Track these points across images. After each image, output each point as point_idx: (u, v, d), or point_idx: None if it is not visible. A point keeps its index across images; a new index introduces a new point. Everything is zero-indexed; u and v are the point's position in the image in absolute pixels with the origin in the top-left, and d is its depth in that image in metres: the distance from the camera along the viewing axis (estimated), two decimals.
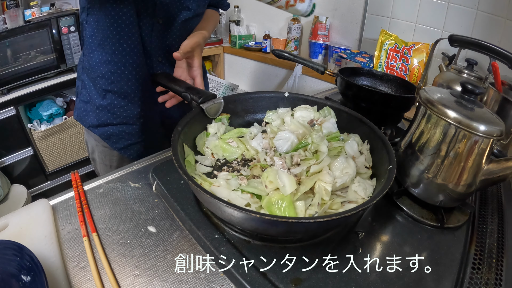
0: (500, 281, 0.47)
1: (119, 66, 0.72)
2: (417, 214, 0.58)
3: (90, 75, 0.76)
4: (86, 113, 0.79)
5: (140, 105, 0.78)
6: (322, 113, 0.72)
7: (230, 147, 0.64)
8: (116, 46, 0.70)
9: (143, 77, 0.75)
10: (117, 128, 0.79)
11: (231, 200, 0.49)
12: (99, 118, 0.78)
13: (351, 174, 0.54)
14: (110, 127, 0.78)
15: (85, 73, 0.77)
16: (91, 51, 0.73)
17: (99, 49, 0.72)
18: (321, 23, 1.55)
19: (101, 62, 0.72)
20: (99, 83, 0.75)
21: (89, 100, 0.78)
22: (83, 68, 0.78)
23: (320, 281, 0.44)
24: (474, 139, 0.50)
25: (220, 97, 0.68)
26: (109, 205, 0.56)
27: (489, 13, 1.06)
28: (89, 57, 0.74)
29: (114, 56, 0.71)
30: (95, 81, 0.75)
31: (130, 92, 0.76)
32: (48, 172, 1.71)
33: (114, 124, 0.78)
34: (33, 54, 1.52)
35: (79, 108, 0.81)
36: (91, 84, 0.76)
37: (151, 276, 0.44)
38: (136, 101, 0.77)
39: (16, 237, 0.46)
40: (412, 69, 1.20)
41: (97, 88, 0.75)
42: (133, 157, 0.84)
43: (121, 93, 0.75)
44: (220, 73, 2.21)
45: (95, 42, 0.72)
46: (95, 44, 0.72)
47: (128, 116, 0.78)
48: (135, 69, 0.74)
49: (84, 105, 0.80)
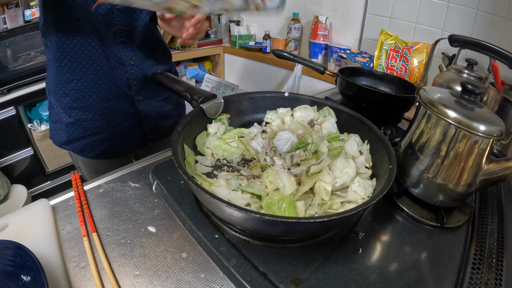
0: (500, 281, 0.47)
1: (82, 82, 0.74)
2: (417, 214, 0.58)
3: (55, 96, 0.77)
4: (56, 132, 0.82)
5: (108, 114, 0.79)
6: (322, 113, 0.72)
7: (230, 147, 0.64)
8: (75, 64, 0.72)
9: (109, 86, 0.76)
10: (89, 140, 0.81)
11: (231, 200, 0.49)
12: (69, 134, 0.80)
13: (351, 174, 0.54)
14: (82, 140, 0.80)
15: (51, 94, 0.79)
16: (52, 72, 0.75)
17: (59, 69, 0.73)
18: (321, 23, 1.55)
19: (62, 81, 0.74)
20: (63, 102, 0.76)
21: (58, 120, 0.80)
22: (49, 90, 0.80)
23: (320, 281, 0.44)
24: (474, 139, 0.50)
25: (220, 97, 0.68)
26: (109, 205, 0.56)
27: (489, 13, 1.06)
28: (52, 78, 0.76)
29: (76, 74, 0.73)
30: (60, 100, 0.77)
31: (96, 104, 0.77)
32: (48, 172, 1.71)
33: (85, 136, 0.80)
34: (33, 54, 1.52)
35: (51, 128, 0.84)
36: (57, 103, 0.78)
37: (151, 276, 0.44)
38: (103, 111, 0.78)
39: (16, 237, 0.46)
40: (412, 69, 1.20)
41: (63, 107, 0.77)
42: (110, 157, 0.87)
43: (87, 108, 0.77)
44: (220, 73, 2.21)
45: (55, 64, 0.73)
46: (55, 65, 0.73)
47: (98, 126, 0.79)
48: (97, 82, 0.75)
49: (54, 124, 0.82)
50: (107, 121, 0.79)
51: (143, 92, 0.82)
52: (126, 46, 0.75)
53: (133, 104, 0.81)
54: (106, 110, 0.78)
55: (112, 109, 0.79)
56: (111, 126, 0.81)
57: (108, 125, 0.80)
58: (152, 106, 0.85)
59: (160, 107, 0.87)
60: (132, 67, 0.77)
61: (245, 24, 2.07)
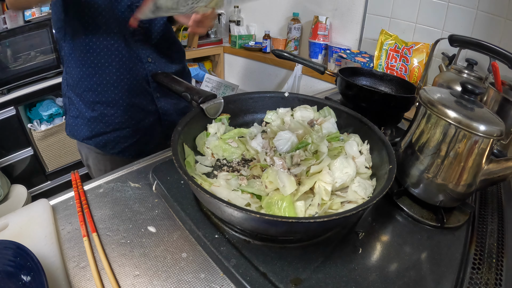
0: (500, 281, 0.47)
1: (104, 77, 0.74)
2: (417, 214, 0.58)
3: (76, 91, 0.77)
4: (78, 128, 0.81)
5: (130, 110, 0.79)
6: (322, 113, 0.72)
7: (230, 147, 0.64)
8: (97, 59, 0.72)
9: (131, 81, 0.77)
10: (112, 135, 0.81)
11: (231, 200, 0.49)
12: (92, 129, 0.79)
13: (351, 174, 0.54)
14: (104, 135, 0.80)
15: (71, 89, 0.79)
16: (72, 68, 0.75)
17: (80, 64, 0.74)
18: (321, 23, 1.55)
19: (84, 76, 0.74)
20: (86, 97, 0.76)
21: (79, 115, 0.80)
22: (68, 85, 0.79)
23: (320, 281, 0.44)
24: (474, 139, 0.50)
25: (220, 97, 0.68)
26: (109, 205, 0.56)
27: (489, 13, 1.06)
28: (72, 73, 0.76)
29: (98, 69, 0.73)
30: (82, 95, 0.77)
31: (118, 99, 0.77)
32: (48, 172, 1.71)
33: (108, 132, 0.80)
34: (33, 54, 1.52)
35: (70, 124, 0.83)
36: (78, 99, 0.78)
37: (151, 276, 0.44)
38: (125, 106, 0.78)
39: (16, 237, 0.46)
40: (412, 69, 1.20)
41: (85, 101, 0.77)
42: (131, 156, 0.85)
43: (109, 102, 0.77)
44: (220, 73, 2.21)
45: (75, 59, 0.74)
46: (75, 60, 0.74)
47: (120, 122, 0.80)
48: (119, 77, 0.75)
49: (74, 120, 0.81)
50: (129, 117, 0.80)
51: (160, 89, 0.82)
52: (144, 43, 0.76)
53: (153, 100, 0.82)
54: (128, 106, 0.78)
55: (134, 105, 0.79)
56: (133, 123, 0.81)
57: (131, 121, 0.80)
58: (169, 103, 0.85)
59: (176, 104, 0.87)
60: (150, 64, 0.78)
61: (245, 24, 2.07)
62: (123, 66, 0.75)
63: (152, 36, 0.77)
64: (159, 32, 0.78)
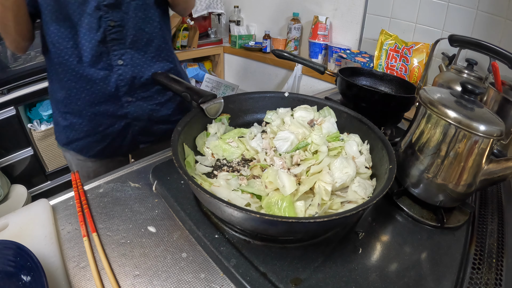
0: (500, 281, 0.47)
1: (66, 90, 0.77)
2: (417, 214, 0.58)
3: (53, 101, 0.83)
4: (58, 134, 0.86)
5: (96, 118, 0.80)
6: (322, 113, 0.72)
7: (230, 147, 0.64)
8: (63, 74, 0.74)
9: (93, 91, 0.76)
10: (84, 141, 0.83)
11: (231, 200, 0.49)
12: (67, 136, 0.84)
13: (351, 174, 0.54)
14: (78, 142, 0.84)
15: (50, 99, 0.84)
16: (50, 80, 0.80)
17: (52, 77, 0.78)
18: (321, 23, 1.55)
19: (55, 89, 0.79)
20: (58, 107, 0.81)
21: (57, 123, 0.84)
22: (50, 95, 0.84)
23: (320, 281, 0.44)
24: (474, 139, 0.50)
25: (220, 97, 0.68)
26: (109, 205, 0.56)
27: (489, 13, 1.06)
28: (50, 85, 0.81)
29: (63, 83, 0.76)
30: (57, 105, 0.81)
31: (82, 109, 0.79)
32: (48, 172, 1.71)
33: (80, 138, 0.83)
34: (33, 54, 1.52)
35: (54, 129, 0.88)
36: (55, 108, 0.83)
37: (151, 276, 0.44)
38: (90, 116, 0.79)
39: (16, 237, 0.46)
40: (412, 69, 1.20)
41: (59, 111, 0.81)
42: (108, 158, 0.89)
43: (75, 113, 0.79)
44: (220, 73, 2.21)
45: (49, 72, 0.79)
46: (49, 73, 0.79)
47: (88, 130, 0.82)
48: (79, 90, 0.76)
49: (55, 126, 0.86)
50: (95, 125, 0.81)
51: (134, 94, 0.80)
52: (118, 43, 0.73)
53: (122, 106, 0.80)
54: (93, 115, 0.79)
55: (99, 113, 0.79)
56: (100, 130, 0.82)
57: (98, 128, 0.81)
58: (143, 109, 0.82)
59: (153, 110, 0.84)
60: (120, 67, 0.75)
61: (245, 24, 2.07)
62: (86, 78, 0.74)
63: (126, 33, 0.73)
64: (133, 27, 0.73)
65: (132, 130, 0.85)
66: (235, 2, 2.03)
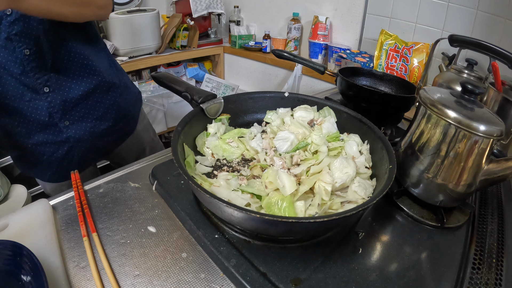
0: (500, 281, 0.47)
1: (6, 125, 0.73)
2: (417, 214, 0.58)
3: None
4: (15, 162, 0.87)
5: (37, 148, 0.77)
6: (322, 113, 0.72)
7: (230, 147, 0.64)
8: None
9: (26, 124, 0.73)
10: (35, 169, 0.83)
11: (231, 200, 0.49)
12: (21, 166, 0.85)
13: (351, 174, 0.54)
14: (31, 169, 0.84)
15: None
16: None
17: None
18: (321, 23, 1.55)
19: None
20: (2, 143, 0.78)
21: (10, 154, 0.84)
22: None
23: (320, 281, 0.44)
24: (474, 139, 0.50)
25: (220, 97, 0.68)
26: (109, 205, 0.56)
27: (489, 13, 1.06)
28: None
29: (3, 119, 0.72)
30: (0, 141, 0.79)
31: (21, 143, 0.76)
32: None
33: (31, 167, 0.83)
34: None
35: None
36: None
37: (151, 276, 0.44)
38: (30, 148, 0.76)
39: (16, 237, 0.46)
40: (412, 69, 1.20)
41: (4, 146, 0.80)
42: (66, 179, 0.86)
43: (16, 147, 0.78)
44: (220, 73, 2.21)
45: None
46: None
47: (33, 160, 0.80)
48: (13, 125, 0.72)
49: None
50: (38, 155, 0.78)
51: (70, 116, 0.76)
52: (39, 70, 0.68)
53: (61, 131, 0.76)
54: (33, 146, 0.76)
55: (39, 143, 0.76)
56: (45, 158, 0.79)
57: (42, 157, 0.79)
58: (83, 128, 0.79)
59: (93, 127, 0.80)
60: (48, 95, 0.71)
61: (245, 24, 2.07)
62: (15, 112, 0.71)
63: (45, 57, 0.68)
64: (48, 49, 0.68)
65: (78, 152, 0.81)
66: (235, 2, 2.03)
